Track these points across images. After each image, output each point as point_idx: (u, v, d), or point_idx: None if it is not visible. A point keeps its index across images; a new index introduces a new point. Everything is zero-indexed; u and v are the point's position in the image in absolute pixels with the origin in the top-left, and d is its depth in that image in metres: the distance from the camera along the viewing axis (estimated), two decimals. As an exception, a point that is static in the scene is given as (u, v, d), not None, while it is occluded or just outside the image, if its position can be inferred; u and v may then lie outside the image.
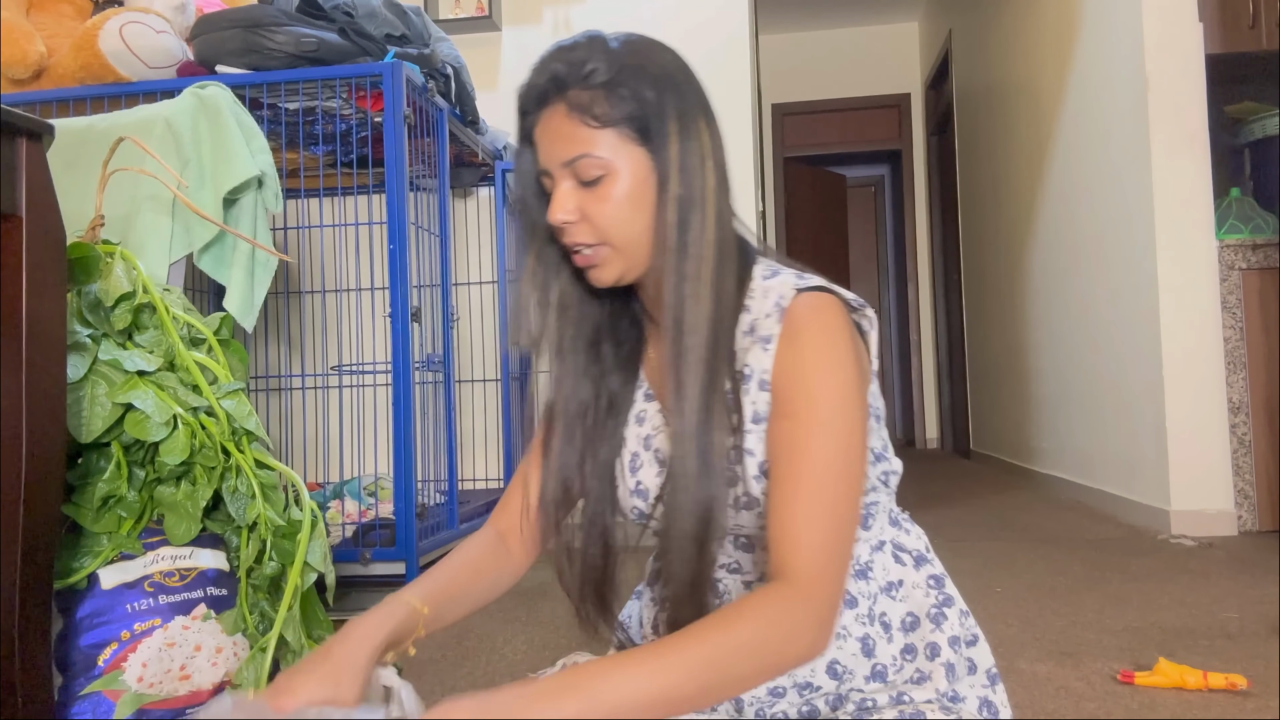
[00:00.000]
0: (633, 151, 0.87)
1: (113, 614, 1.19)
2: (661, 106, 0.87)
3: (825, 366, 0.83)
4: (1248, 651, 1.61)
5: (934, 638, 0.91)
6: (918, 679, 0.90)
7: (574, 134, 0.86)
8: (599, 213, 0.87)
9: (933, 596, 0.93)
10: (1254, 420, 2.77)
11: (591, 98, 0.86)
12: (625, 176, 0.86)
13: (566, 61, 0.88)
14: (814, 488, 0.80)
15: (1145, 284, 2.92)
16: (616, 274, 0.90)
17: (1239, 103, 3.04)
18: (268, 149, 1.82)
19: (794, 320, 0.86)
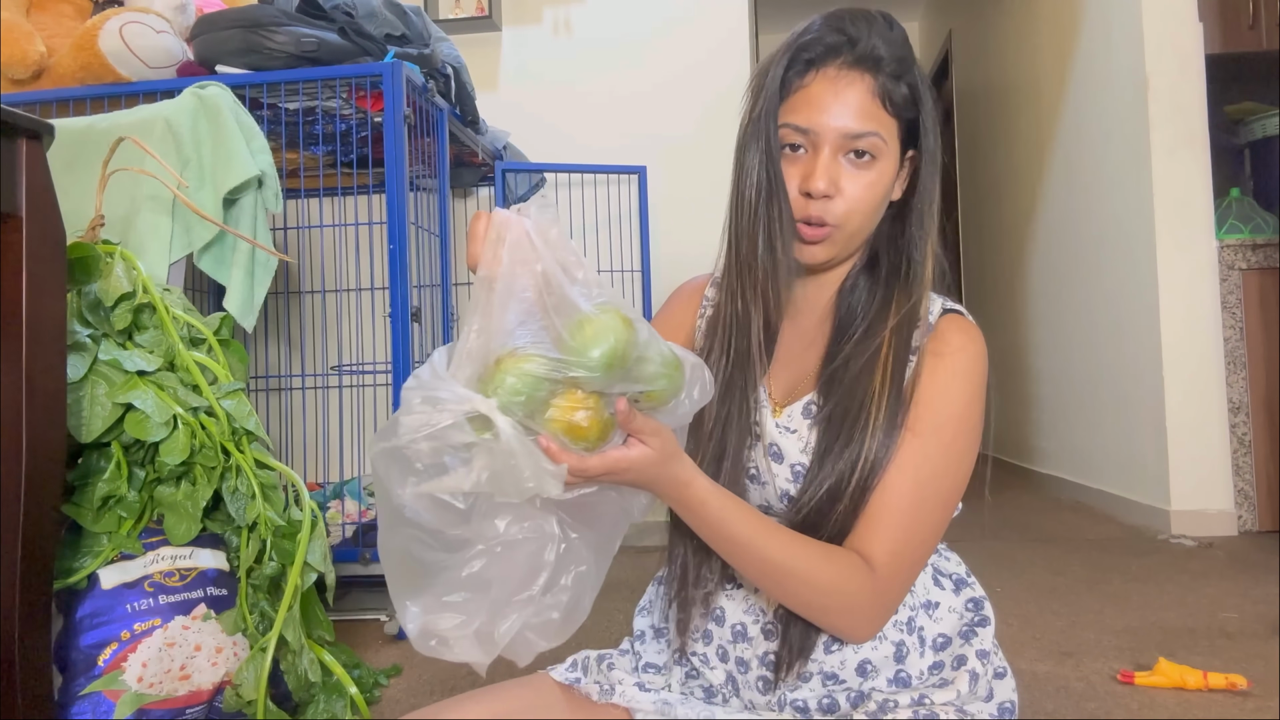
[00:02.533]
0: (895, 145, 0.89)
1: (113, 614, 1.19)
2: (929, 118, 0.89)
3: (963, 396, 0.86)
4: (1248, 651, 1.61)
5: (963, 651, 0.92)
6: (940, 684, 0.91)
7: (872, 110, 0.86)
8: (854, 196, 0.87)
9: (968, 617, 0.94)
10: (1254, 420, 2.77)
11: (893, 84, 0.87)
12: (886, 167, 0.88)
13: (887, 40, 0.87)
14: (914, 503, 0.83)
15: (1145, 284, 2.92)
16: (831, 255, 0.90)
17: (1239, 103, 3.04)
18: (268, 149, 1.82)
19: (944, 340, 0.88)
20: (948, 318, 0.90)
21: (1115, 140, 3.12)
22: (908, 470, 0.84)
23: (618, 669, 1.02)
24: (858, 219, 0.88)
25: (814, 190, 0.86)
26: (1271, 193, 2.93)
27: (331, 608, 1.45)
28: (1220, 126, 3.00)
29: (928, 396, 0.86)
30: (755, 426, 0.92)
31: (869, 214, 0.89)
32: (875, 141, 0.86)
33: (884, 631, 0.91)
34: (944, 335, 0.88)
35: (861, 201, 0.87)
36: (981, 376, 0.88)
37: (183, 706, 1.20)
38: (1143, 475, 2.99)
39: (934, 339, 0.88)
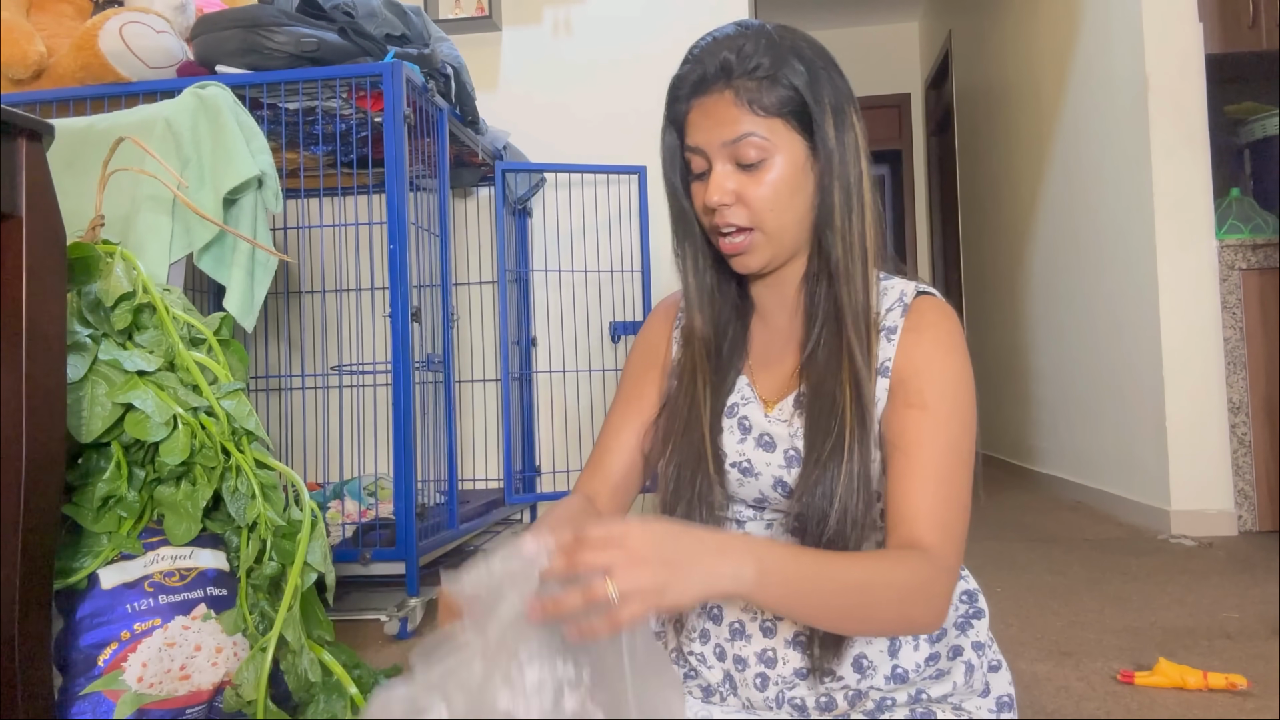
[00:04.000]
0: (793, 139, 0.89)
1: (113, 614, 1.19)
2: (818, 97, 0.89)
3: (955, 363, 0.89)
4: (1248, 651, 1.61)
5: (958, 642, 0.93)
6: (936, 676, 0.92)
7: (739, 118, 0.89)
8: (755, 196, 0.89)
9: (963, 609, 0.95)
10: (1254, 420, 2.77)
11: (758, 86, 0.89)
12: (784, 162, 0.89)
13: (735, 51, 0.90)
14: (943, 472, 0.85)
15: (1145, 284, 2.92)
16: (764, 261, 0.92)
17: (1239, 103, 3.04)
18: (268, 149, 1.81)
19: (921, 316, 0.91)
20: (922, 298, 0.92)
21: (1115, 140, 3.12)
22: (927, 444, 0.85)
23: None
24: (772, 219, 0.90)
25: (709, 203, 0.90)
26: (1271, 193, 2.93)
27: (331, 608, 1.44)
28: (1220, 126, 3.00)
29: (924, 371, 0.88)
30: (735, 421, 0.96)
31: (781, 211, 0.90)
32: (754, 141, 0.89)
33: None
34: (921, 312, 0.91)
35: (765, 201, 0.89)
36: (964, 346, 0.91)
37: (183, 706, 1.20)
38: (1143, 475, 2.99)
39: (911, 318, 0.91)
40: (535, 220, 3.14)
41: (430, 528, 2.09)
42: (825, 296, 0.92)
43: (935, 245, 6.32)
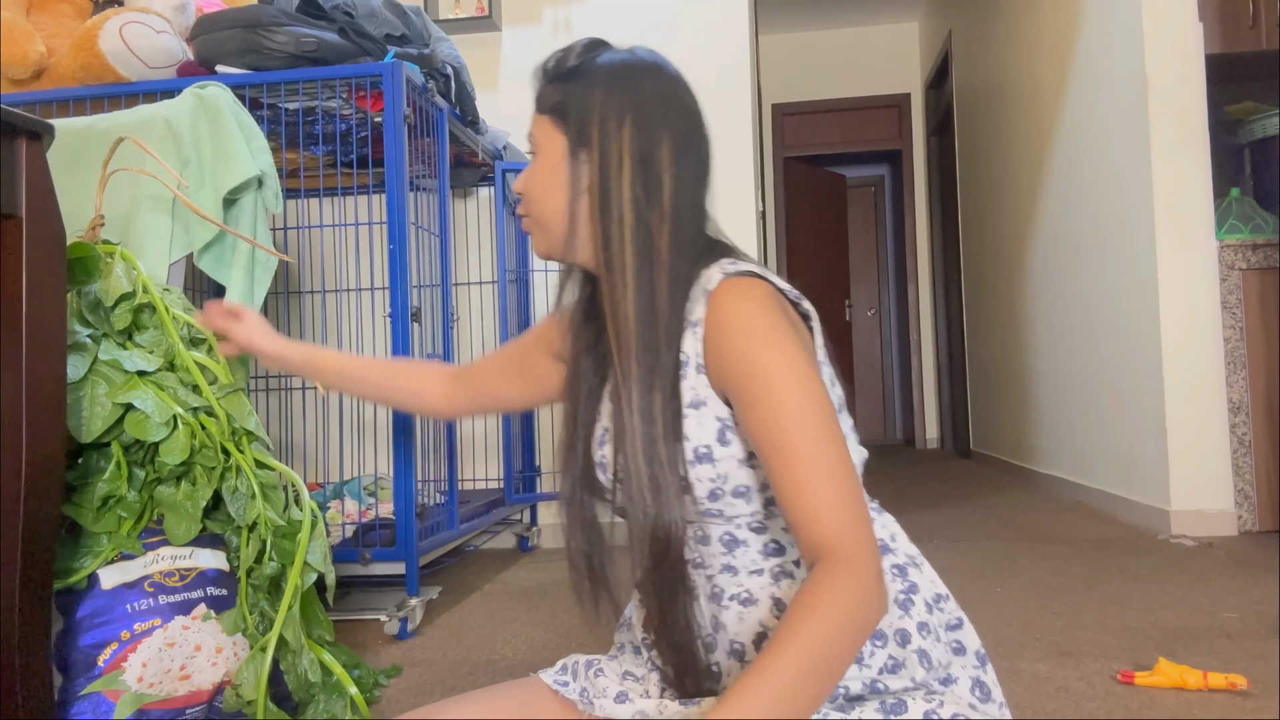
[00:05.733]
0: (557, 138, 0.95)
1: (113, 614, 1.19)
2: (588, 105, 0.93)
3: (763, 344, 0.86)
4: (1248, 651, 1.61)
5: (902, 624, 0.91)
6: (892, 667, 0.90)
7: (533, 120, 0.98)
8: (528, 185, 0.98)
9: (898, 584, 0.93)
10: (1254, 420, 2.77)
11: (545, 90, 0.97)
12: (546, 156, 0.96)
13: (553, 57, 0.98)
14: (809, 462, 0.82)
15: (1145, 284, 2.92)
16: (543, 248, 0.99)
17: (1239, 103, 3.04)
18: (268, 149, 1.81)
19: (719, 304, 0.89)
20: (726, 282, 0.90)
21: (1115, 140, 3.12)
22: (783, 439, 0.83)
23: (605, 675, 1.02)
24: (535, 208, 0.97)
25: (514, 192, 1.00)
26: (1271, 193, 2.93)
27: (331, 608, 1.44)
28: (1220, 126, 3.00)
29: (743, 368, 0.86)
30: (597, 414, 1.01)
31: (540, 200, 0.96)
32: (532, 136, 0.97)
33: None
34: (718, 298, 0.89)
35: (529, 189, 0.98)
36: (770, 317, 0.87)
37: (183, 706, 1.20)
38: (1143, 475, 2.99)
39: (711, 306, 0.89)
40: (535, 220, 3.14)
41: (430, 528, 2.09)
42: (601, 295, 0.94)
43: (935, 245, 6.32)
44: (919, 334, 6.55)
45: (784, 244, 6.34)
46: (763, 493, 0.91)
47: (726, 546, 0.94)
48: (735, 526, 0.93)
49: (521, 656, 1.71)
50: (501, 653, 1.74)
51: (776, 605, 0.92)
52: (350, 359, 1.31)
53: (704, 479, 0.89)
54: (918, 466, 5.25)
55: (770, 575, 0.92)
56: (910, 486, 4.28)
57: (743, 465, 0.89)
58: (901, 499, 3.82)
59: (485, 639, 1.84)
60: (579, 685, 1.03)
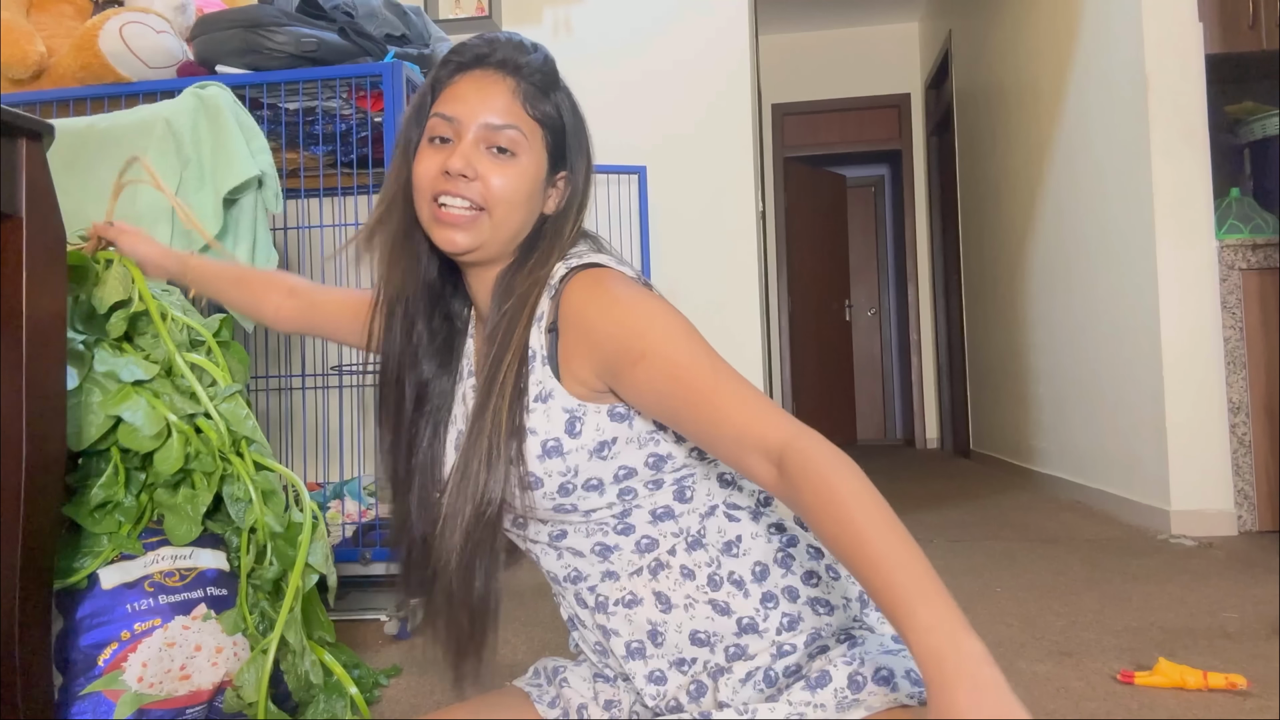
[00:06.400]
0: (541, 153, 0.94)
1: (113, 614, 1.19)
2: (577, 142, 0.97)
3: (622, 308, 0.87)
4: (1248, 651, 1.61)
5: (788, 581, 0.91)
6: (789, 624, 0.90)
7: (512, 107, 0.92)
8: (498, 183, 0.91)
9: (776, 542, 0.93)
10: (1254, 420, 2.77)
11: (534, 92, 0.94)
12: (530, 165, 0.93)
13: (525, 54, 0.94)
14: (718, 397, 0.82)
15: (1145, 284, 2.92)
16: (476, 243, 0.93)
17: (1239, 103, 3.04)
18: (268, 149, 1.82)
19: (571, 299, 0.90)
20: (574, 277, 0.91)
21: (1115, 140, 3.12)
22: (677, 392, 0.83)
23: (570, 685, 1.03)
24: (502, 208, 0.92)
25: (451, 168, 0.90)
26: (1271, 193, 2.93)
27: (332, 608, 1.44)
28: (1220, 126, 3.00)
29: (610, 345, 0.86)
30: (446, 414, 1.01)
31: (513, 205, 0.92)
32: (515, 136, 0.92)
33: (691, 598, 0.91)
34: (567, 300, 0.90)
35: (503, 190, 0.91)
36: (612, 288, 0.89)
37: (183, 706, 1.20)
38: (1143, 475, 2.99)
39: (563, 307, 0.90)
40: (535, 220, 3.14)
41: (430, 528, 2.09)
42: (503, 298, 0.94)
43: (935, 245, 6.32)
44: (919, 334, 6.54)
45: (784, 244, 6.34)
46: (616, 483, 0.91)
47: (601, 555, 0.95)
48: (603, 533, 0.94)
49: (521, 657, 1.71)
50: (501, 653, 1.74)
51: (659, 599, 0.92)
52: (215, 265, 1.36)
53: (554, 473, 0.89)
54: (918, 466, 5.25)
55: (649, 571, 0.93)
56: (910, 486, 4.28)
57: (593, 457, 0.89)
58: (901, 499, 3.82)
59: (485, 639, 1.84)
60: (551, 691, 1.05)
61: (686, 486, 0.94)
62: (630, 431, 0.90)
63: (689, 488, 0.94)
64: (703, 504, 0.94)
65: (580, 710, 1.00)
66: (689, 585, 0.91)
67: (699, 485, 0.94)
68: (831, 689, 0.84)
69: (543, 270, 0.93)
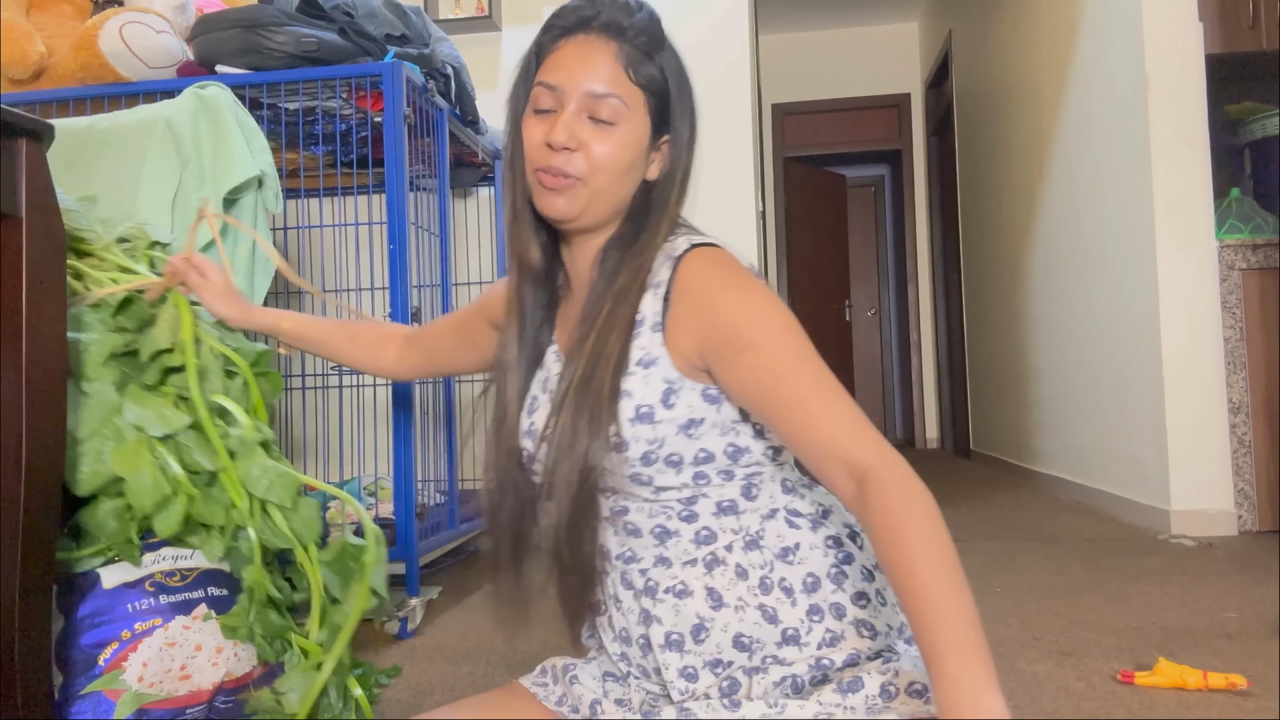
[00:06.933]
0: (644, 119, 0.93)
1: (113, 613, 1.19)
2: (681, 104, 0.95)
3: (749, 299, 0.88)
4: (1248, 651, 1.61)
5: (836, 598, 0.91)
6: (830, 640, 0.90)
7: (615, 75, 0.91)
8: (599, 152, 0.91)
9: (831, 556, 0.93)
10: (1254, 420, 2.77)
11: (639, 56, 0.92)
12: (633, 136, 0.93)
13: (630, 15, 0.92)
14: (816, 401, 0.84)
15: (1145, 284, 2.92)
16: (575, 212, 0.93)
17: (1239, 103, 3.04)
18: (268, 149, 1.81)
19: (694, 269, 0.90)
20: (692, 253, 0.92)
21: (1115, 140, 3.12)
22: (778, 388, 0.84)
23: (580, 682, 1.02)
24: (603, 177, 0.92)
25: (554, 141, 0.91)
26: (1271, 193, 2.93)
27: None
28: (1220, 126, 3.00)
29: (723, 324, 0.87)
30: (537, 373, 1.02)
31: (615, 175, 0.92)
32: (618, 106, 0.91)
33: (743, 599, 0.91)
34: (682, 272, 0.91)
35: (605, 159, 0.91)
36: (738, 273, 0.91)
37: (183, 706, 1.20)
38: (1143, 475, 2.99)
39: (681, 269, 0.91)
40: (535, 220, 3.14)
41: (430, 528, 2.09)
42: (612, 269, 0.94)
43: (935, 245, 6.32)
44: (919, 334, 6.54)
45: (784, 244, 6.33)
46: (694, 465, 0.91)
47: (658, 539, 0.94)
48: (666, 516, 0.93)
49: (521, 657, 1.71)
50: (501, 653, 1.74)
51: (710, 595, 0.92)
52: (311, 324, 1.31)
53: (641, 439, 0.89)
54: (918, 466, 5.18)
55: (703, 565, 0.92)
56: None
57: (680, 432, 0.89)
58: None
59: (485, 639, 1.84)
60: (558, 690, 1.04)
61: (754, 484, 0.94)
62: (718, 416, 0.90)
63: (756, 486, 0.94)
64: (765, 506, 0.94)
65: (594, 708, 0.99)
66: (741, 586, 0.91)
67: (765, 486, 0.94)
68: (863, 695, 0.84)
69: (653, 246, 0.93)
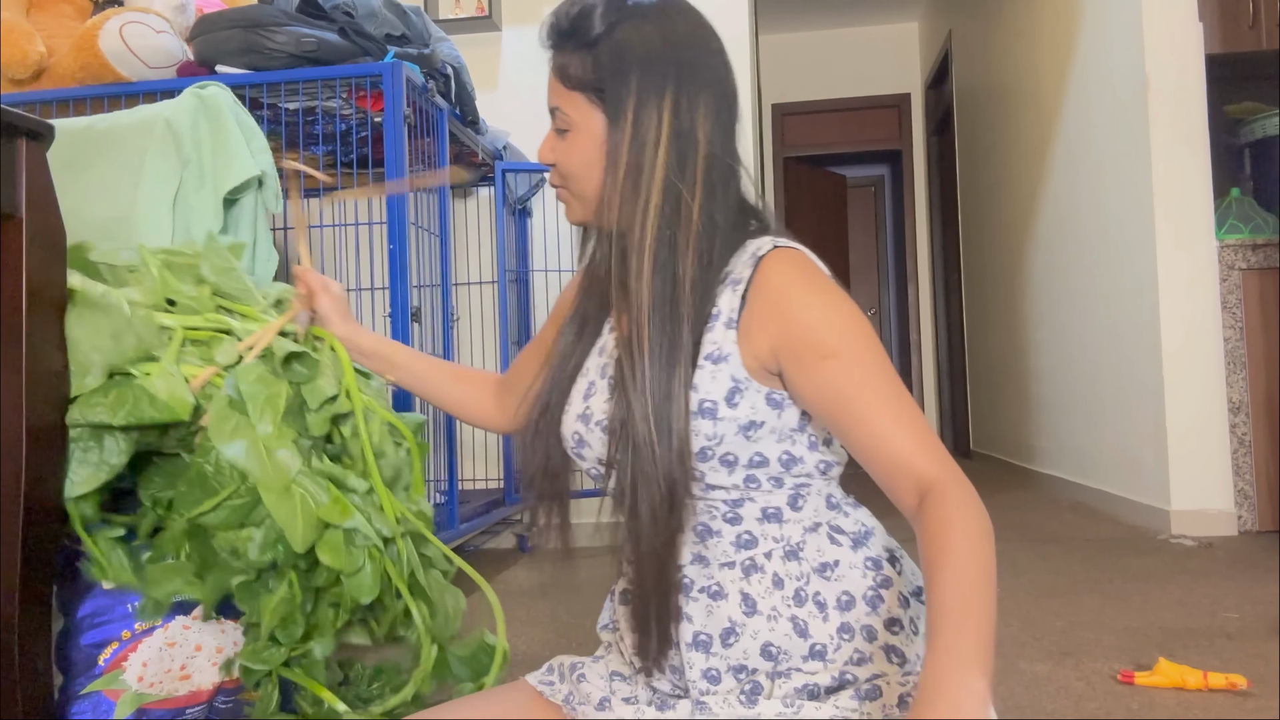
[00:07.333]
0: (595, 116, 0.93)
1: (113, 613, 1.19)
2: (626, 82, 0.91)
3: (828, 300, 0.89)
4: (1248, 651, 1.61)
5: (869, 621, 0.90)
6: (858, 660, 0.89)
7: (554, 87, 0.95)
8: (564, 162, 0.95)
9: (870, 579, 0.92)
10: (1254, 420, 2.77)
11: (569, 61, 0.93)
12: (583, 136, 0.93)
13: (567, 15, 0.93)
14: (893, 403, 0.84)
15: (1145, 284, 2.92)
16: (579, 217, 0.98)
17: (1239, 103, 3.04)
18: (268, 149, 1.81)
19: (775, 268, 0.89)
20: (773, 253, 0.91)
21: (1115, 140, 3.12)
22: (862, 386, 0.85)
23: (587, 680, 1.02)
24: (578, 184, 0.95)
25: (539, 160, 0.98)
26: (1271, 193, 2.93)
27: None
28: (1220, 126, 3.00)
29: (807, 322, 0.87)
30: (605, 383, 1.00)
31: (584, 178, 0.94)
32: (563, 116, 0.94)
33: (776, 609, 0.90)
34: (763, 270, 0.90)
35: (571, 167, 0.95)
36: (821, 278, 0.90)
37: (183, 706, 1.20)
38: (1143, 475, 2.99)
39: (762, 268, 0.90)
40: (535, 220, 3.14)
41: (430, 528, 2.09)
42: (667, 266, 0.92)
43: (935, 245, 6.32)
44: (919, 334, 6.54)
45: (784, 244, 6.33)
46: (747, 468, 0.90)
47: (699, 536, 0.93)
48: (710, 515, 0.93)
49: (521, 656, 1.71)
50: (501, 653, 1.74)
51: (745, 600, 0.91)
52: (419, 358, 1.25)
53: (700, 434, 0.89)
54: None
55: (741, 569, 0.92)
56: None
57: (740, 433, 0.89)
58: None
59: (485, 639, 1.84)
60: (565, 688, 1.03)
61: (801, 495, 0.93)
62: (778, 421, 0.90)
63: (803, 497, 0.93)
64: (810, 518, 0.93)
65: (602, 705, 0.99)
66: (776, 595, 0.90)
67: (812, 499, 0.94)
68: (880, 704, 0.84)
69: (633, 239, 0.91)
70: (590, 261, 1.02)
